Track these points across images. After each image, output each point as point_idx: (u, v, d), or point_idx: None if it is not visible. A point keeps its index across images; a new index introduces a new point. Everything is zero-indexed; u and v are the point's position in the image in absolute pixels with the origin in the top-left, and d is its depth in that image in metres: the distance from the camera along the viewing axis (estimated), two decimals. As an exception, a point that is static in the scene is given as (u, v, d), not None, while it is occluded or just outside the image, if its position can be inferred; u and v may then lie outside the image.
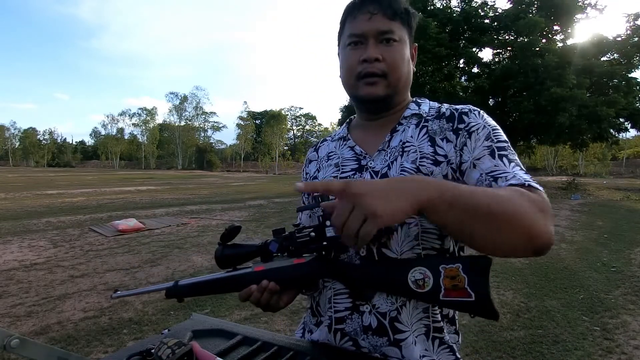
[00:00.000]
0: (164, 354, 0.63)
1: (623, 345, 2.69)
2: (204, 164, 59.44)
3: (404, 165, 0.77)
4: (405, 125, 0.83)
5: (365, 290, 0.74)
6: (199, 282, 0.76)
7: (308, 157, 0.97)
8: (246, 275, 0.74)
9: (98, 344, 2.65)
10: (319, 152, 0.95)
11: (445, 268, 0.65)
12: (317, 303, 0.86)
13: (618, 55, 19.56)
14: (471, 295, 0.63)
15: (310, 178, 0.92)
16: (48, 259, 4.87)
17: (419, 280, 0.66)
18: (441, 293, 0.64)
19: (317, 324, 0.87)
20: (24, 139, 70.59)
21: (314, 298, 0.88)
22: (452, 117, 0.80)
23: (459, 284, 0.64)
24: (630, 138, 40.80)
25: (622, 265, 4.76)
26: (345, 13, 0.81)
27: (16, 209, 9.64)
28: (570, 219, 8.65)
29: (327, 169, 0.88)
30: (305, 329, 0.92)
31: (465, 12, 21.77)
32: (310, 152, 0.98)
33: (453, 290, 0.64)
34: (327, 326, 0.81)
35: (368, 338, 0.76)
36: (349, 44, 0.79)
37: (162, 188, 17.86)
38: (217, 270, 0.77)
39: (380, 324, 0.75)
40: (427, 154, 0.77)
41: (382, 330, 0.75)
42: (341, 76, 0.83)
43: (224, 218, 8.40)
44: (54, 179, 24.69)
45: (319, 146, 0.97)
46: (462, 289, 0.63)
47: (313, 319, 0.88)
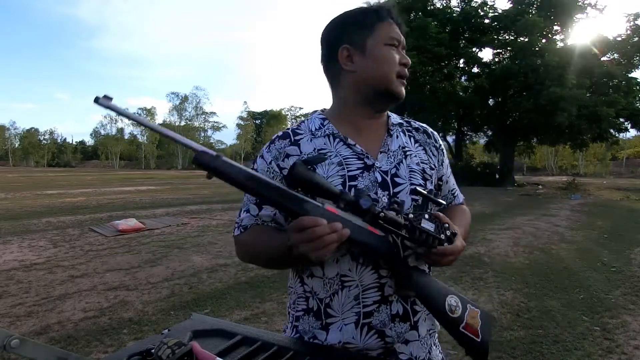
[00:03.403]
0: (164, 354, 0.63)
1: (623, 345, 2.69)
2: (204, 164, 59.33)
3: (411, 167, 0.89)
4: (396, 132, 0.93)
5: (410, 288, 0.79)
6: (255, 176, 0.66)
7: (285, 151, 0.86)
8: (315, 207, 0.68)
9: (98, 344, 2.65)
10: (302, 148, 0.86)
11: (470, 308, 0.81)
12: (328, 305, 0.83)
13: (618, 55, 19.55)
14: (479, 337, 0.79)
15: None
16: (48, 259, 4.87)
17: (452, 306, 0.79)
18: (462, 325, 0.79)
19: (324, 327, 0.84)
20: (24, 139, 70.59)
21: (321, 301, 0.84)
22: (428, 134, 0.98)
23: (474, 324, 0.80)
24: (630, 138, 40.77)
25: (622, 265, 4.76)
26: (375, 14, 0.87)
27: (16, 209, 9.64)
28: (570, 219, 8.66)
29: (329, 167, 0.84)
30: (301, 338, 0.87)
31: (465, 12, 21.77)
32: (283, 144, 0.87)
33: (469, 327, 0.79)
34: (354, 322, 0.82)
35: (395, 326, 0.83)
36: (388, 44, 0.86)
37: (162, 188, 17.87)
38: (218, 270, 0.77)
39: (405, 310, 0.84)
40: (424, 160, 0.92)
41: (406, 316, 0.85)
42: (374, 69, 0.85)
43: (224, 218, 8.40)
44: (54, 179, 24.70)
45: (296, 140, 0.87)
46: (475, 330, 0.79)
47: (317, 322, 0.85)
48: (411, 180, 0.88)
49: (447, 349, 2.62)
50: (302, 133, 0.89)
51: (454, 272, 4.41)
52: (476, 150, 32.12)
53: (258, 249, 0.86)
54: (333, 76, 0.91)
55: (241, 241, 0.89)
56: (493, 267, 4.63)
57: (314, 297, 0.86)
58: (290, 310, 0.93)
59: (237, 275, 4.20)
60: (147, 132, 64.49)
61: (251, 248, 0.88)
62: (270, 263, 0.91)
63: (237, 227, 0.90)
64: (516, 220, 8.32)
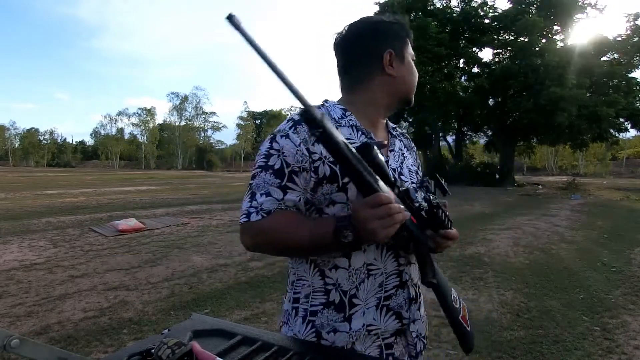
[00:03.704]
0: (164, 354, 0.63)
1: (623, 345, 2.69)
2: (204, 164, 59.44)
3: (409, 167, 0.98)
4: (396, 134, 1.01)
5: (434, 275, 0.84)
6: (349, 144, 0.64)
7: None
8: (384, 188, 0.70)
9: (98, 344, 2.65)
10: None
11: (462, 301, 0.95)
12: (354, 295, 0.86)
13: (618, 55, 19.55)
14: (469, 327, 0.93)
15: (326, 161, 0.82)
16: (48, 259, 4.87)
17: (454, 297, 0.92)
18: (460, 315, 0.90)
19: (347, 318, 0.85)
20: (24, 139, 70.58)
21: (345, 293, 0.85)
22: (409, 140, 1.07)
23: (466, 315, 0.93)
24: (630, 138, 40.78)
25: (622, 265, 4.76)
26: (406, 31, 0.95)
27: (16, 209, 9.64)
28: (570, 219, 8.66)
29: None
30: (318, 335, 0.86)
31: (465, 12, 21.77)
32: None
33: (464, 318, 0.91)
34: (375, 305, 0.87)
35: (410, 309, 0.92)
36: (413, 59, 0.96)
37: (162, 188, 17.87)
38: (218, 270, 0.77)
39: (416, 293, 0.94)
40: (414, 163, 1.02)
41: (417, 298, 0.94)
42: (408, 78, 0.95)
43: (224, 218, 8.40)
44: (54, 179, 24.70)
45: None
46: (467, 321, 0.93)
47: (339, 315, 0.85)
48: (411, 179, 0.96)
49: (447, 349, 2.62)
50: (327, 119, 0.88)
51: (454, 272, 4.41)
52: (476, 150, 32.11)
53: (287, 235, 0.80)
54: (365, 75, 0.92)
55: (263, 227, 0.80)
56: (493, 267, 4.63)
57: (337, 289, 0.86)
58: (300, 305, 0.89)
59: (237, 275, 4.20)
60: (147, 132, 64.66)
61: (277, 234, 0.81)
62: (297, 251, 0.85)
63: (254, 211, 0.81)
64: (516, 220, 8.32)
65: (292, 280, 0.92)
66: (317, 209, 0.85)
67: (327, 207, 0.84)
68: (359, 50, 0.92)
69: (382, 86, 0.92)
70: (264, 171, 0.82)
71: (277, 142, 0.83)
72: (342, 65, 0.95)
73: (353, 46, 0.92)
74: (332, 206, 0.84)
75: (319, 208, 0.85)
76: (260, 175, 0.82)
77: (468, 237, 6.37)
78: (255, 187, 0.83)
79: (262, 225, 0.80)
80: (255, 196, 0.82)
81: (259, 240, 0.83)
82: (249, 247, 0.85)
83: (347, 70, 0.94)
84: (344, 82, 0.96)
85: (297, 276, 0.90)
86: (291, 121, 0.85)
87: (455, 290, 0.93)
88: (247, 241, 0.84)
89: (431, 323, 3.01)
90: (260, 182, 0.82)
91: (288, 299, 0.93)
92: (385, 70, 0.90)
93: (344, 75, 0.95)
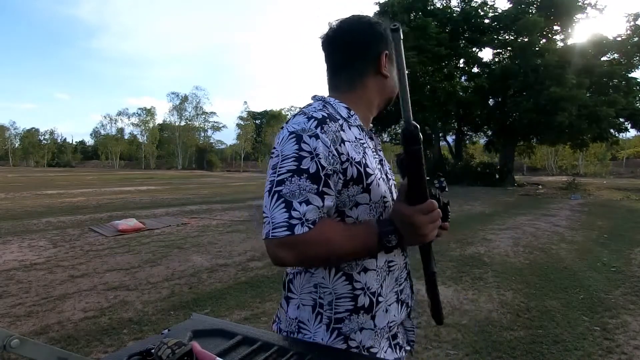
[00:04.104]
0: (164, 354, 0.63)
1: (623, 345, 2.69)
2: (204, 164, 59.44)
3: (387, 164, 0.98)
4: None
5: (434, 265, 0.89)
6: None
7: (339, 136, 0.80)
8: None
9: (98, 344, 2.65)
10: (347, 134, 0.83)
11: None
12: (380, 294, 0.86)
13: (618, 55, 19.54)
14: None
15: (353, 162, 0.80)
16: (48, 259, 4.87)
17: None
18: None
19: (373, 317, 0.85)
20: (24, 139, 70.54)
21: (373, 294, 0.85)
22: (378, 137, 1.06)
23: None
24: (630, 138, 40.76)
25: (622, 265, 4.76)
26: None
27: (16, 209, 9.64)
28: (570, 219, 8.66)
29: (370, 158, 0.86)
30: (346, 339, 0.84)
31: (465, 12, 21.77)
32: (335, 127, 0.80)
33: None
34: (395, 301, 0.90)
35: (411, 297, 0.96)
36: None
37: (162, 188, 17.87)
38: (218, 270, 0.77)
39: (411, 281, 0.98)
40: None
41: (412, 285, 0.98)
42: (395, 82, 0.94)
43: (224, 218, 8.40)
44: (54, 179, 24.69)
45: (341, 125, 0.83)
46: None
47: (367, 316, 0.84)
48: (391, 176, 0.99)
49: (447, 349, 2.62)
50: (339, 118, 0.84)
51: (454, 272, 4.41)
52: (476, 150, 32.08)
53: (335, 246, 0.77)
54: (358, 75, 0.91)
55: (312, 239, 0.74)
56: (493, 267, 4.62)
57: (366, 293, 0.84)
58: (324, 312, 0.84)
59: (237, 275, 4.20)
60: (147, 132, 64.65)
61: (327, 246, 0.76)
62: (340, 260, 0.82)
63: (298, 223, 0.73)
64: (516, 220, 8.32)
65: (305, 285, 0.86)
66: (339, 211, 0.81)
67: (350, 210, 0.82)
68: (357, 50, 0.90)
69: (375, 87, 0.92)
70: (296, 176, 0.74)
71: (306, 143, 0.76)
72: (336, 63, 0.93)
73: (351, 45, 0.90)
74: (356, 208, 0.82)
75: (341, 210, 0.81)
76: (292, 181, 0.74)
77: (468, 237, 6.37)
78: (289, 195, 0.74)
79: (311, 237, 0.73)
80: (293, 205, 0.73)
81: (309, 254, 0.76)
82: (285, 263, 0.77)
83: (342, 69, 0.92)
84: (337, 80, 0.93)
85: (314, 281, 0.85)
86: (314, 120, 0.79)
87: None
88: (289, 257, 0.75)
89: (431, 323, 3.01)
90: (294, 189, 0.74)
91: (297, 305, 0.87)
92: (380, 70, 0.90)
93: (336, 73, 0.93)
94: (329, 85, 0.95)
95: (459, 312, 3.25)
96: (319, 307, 0.84)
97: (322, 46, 0.94)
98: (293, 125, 0.79)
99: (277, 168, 0.77)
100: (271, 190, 0.76)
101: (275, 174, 0.76)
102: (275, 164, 0.77)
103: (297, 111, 0.87)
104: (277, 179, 0.76)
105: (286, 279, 0.92)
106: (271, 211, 0.75)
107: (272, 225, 0.74)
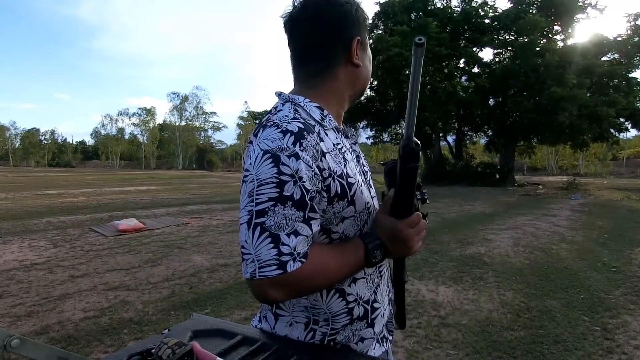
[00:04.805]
0: (164, 354, 0.63)
1: (623, 345, 2.69)
2: (204, 163, 59.50)
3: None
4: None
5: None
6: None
7: (320, 149, 0.71)
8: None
9: (98, 344, 2.65)
10: (326, 143, 0.74)
11: None
12: (375, 300, 0.85)
13: (618, 55, 19.52)
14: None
15: (335, 176, 0.73)
16: (48, 259, 4.87)
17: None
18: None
19: (370, 324, 0.84)
20: (25, 139, 70.59)
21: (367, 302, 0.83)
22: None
23: None
24: (630, 138, 40.74)
25: (623, 265, 4.76)
26: (366, 16, 0.85)
27: (16, 209, 9.65)
28: (570, 219, 8.65)
29: (351, 164, 0.79)
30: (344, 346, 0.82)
31: (465, 12, 21.77)
32: (313, 140, 0.71)
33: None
34: (388, 303, 0.91)
35: (394, 294, 0.92)
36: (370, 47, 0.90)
37: (163, 188, 17.88)
38: (218, 270, 0.77)
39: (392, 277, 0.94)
40: None
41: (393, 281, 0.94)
42: (368, 68, 0.88)
43: (224, 218, 8.40)
44: (55, 179, 24.71)
45: (318, 134, 0.74)
46: None
47: (362, 322, 0.83)
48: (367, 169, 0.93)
49: (448, 349, 2.62)
50: (314, 124, 0.75)
51: (454, 272, 4.41)
52: (476, 150, 32.08)
53: (332, 271, 0.73)
54: (327, 64, 0.80)
55: (304, 275, 0.67)
56: (493, 267, 4.62)
57: (360, 303, 0.82)
58: (318, 329, 0.80)
59: (238, 275, 4.20)
60: (148, 132, 64.69)
61: (319, 279, 0.71)
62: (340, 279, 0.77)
63: (289, 259, 0.65)
64: (516, 220, 8.32)
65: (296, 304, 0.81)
66: (325, 229, 0.75)
67: (335, 226, 0.76)
68: (325, 35, 0.78)
69: (347, 77, 0.82)
70: (279, 204, 0.65)
71: (286, 165, 0.66)
72: (301, 51, 0.82)
73: (316, 29, 0.78)
74: (342, 223, 0.76)
75: (326, 228, 0.75)
76: (276, 211, 0.65)
77: (468, 237, 6.37)
78: (275, 227, 0.65)
79: (304, 273, 0.67)
80: (281, 239, 0.65)
81: (301, 289, 0.71)
82: (276, 301, 0.72)
83: (309, 58, 0.81)
84: (302, 71, 0.82)
85: (307, 302, 0.79)
86: (290, 135, 0.68)
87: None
88: (280, 295, 0.68)
89: (431, 323, 3.01)
90: (279, 220, 0.65)
91: (288, 322, 0.81)
92: (351, 59, 0.80)
93: (302, 63, 0.82)
94: (294, 76, 0.84)
95: (459, 312, 3.25)
96: (312, 324, 0.80)
97: (284, 28, 0.82)
98: (266, 143, 0.68)
99: (254, 195, 0.66)
100: (250, 222, 0.66)
101: (253, 203, 0.66)
102: (251, 190, 0.67)
103: (264, 118, 0.76)
104: (256, 209, 0.66)
105: None
106: (255, 247, 0.66)
107: (257, 263, 0.65)
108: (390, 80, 19.10)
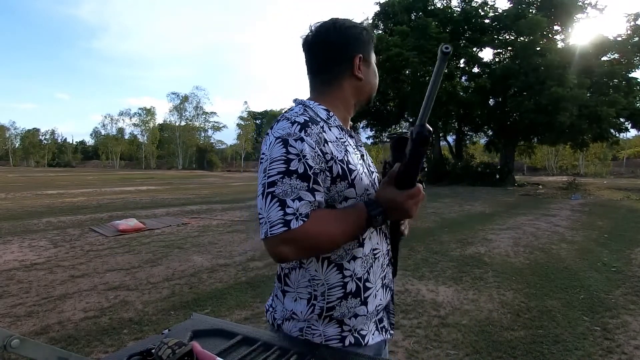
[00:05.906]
0: (164, 354, 0.63)
1: (623, 345, 2.69)
2: (204, 164, 59.45)
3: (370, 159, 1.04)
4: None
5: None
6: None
7: (323, 137, 0.86)
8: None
9: (98, 344, 2.66)
10: (329, 135, 0.88)
11: None
12: (367, 280, 0.93)
13: (618, 55, 19.51)
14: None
15: (337, 160, 0.86)
16: (48, 259, 4.87)
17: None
18: None
19: (363, 302, 0.92)
20: (25, 139, 70.55)
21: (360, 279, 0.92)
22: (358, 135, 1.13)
23: None
24: (630, 138, 40.69)
25: (623, 265, 4.76)
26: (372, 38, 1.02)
27: (16, 209, 9.65)
28: (570, 219, 8.65)
29: (352, 155, 0.92)
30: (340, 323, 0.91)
31: (465, 12, 21.76)
32: (317, 129, 0.86)
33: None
34: (381, 286, 0.98)
35: (393, 281, 1.04)
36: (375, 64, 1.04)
37: (163, 188, 17.87)
38: (218, 270, 0.77)
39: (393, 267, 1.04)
40: None
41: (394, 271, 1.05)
42: (372, 80, 1.03)
43: (224, 218, 8.40)
44: (55, 179, 24.70)
45: (322, 127, 0.88)
46: None
47: (356, 300, 0.91)
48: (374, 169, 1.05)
49: (448, 349, 2.62)
50: (319, 121, 0.90)
51: (454, 272, 4.41)
52: (476, 150, 32.06)
53: (334, 230, 0.83)
54: (334, 77, 0.97)
55: (308, 232, 0.79)
56: (493, 267, 4.62)
57: (354, 279, 0.91)
58: (317, 303, 0.90)
59: (237, 275, 4.20)
60: (148, 132, 64.67)
61: (323, 236, 0.82)
62: (336, 246, 0.87)
63: (293, 218, 0.78)
64: (516, 220, 8.31)
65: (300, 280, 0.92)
66: (330, 206, 0.88)
67: (339, 204, 0.89)
68: (332, 53, 0.96)
69: (351, 89, 0.98)
70: (286, 176, 0.80)
71: (292, 147, 0.82)
72: (314, 66, 1.00)
73: (325, 49, 0.97)
74: (345, 202, 0.89)
75: (331, 205, 0.88)
76: (284, 181, 0.80)
77: (468, 237, 6.37)
78: (282, 194, 0.79)
79: (307, 230, 0.79)
80: (287, 203, 0.79)
81: (306, 245, 0.81)
82: (287, 258, 0.82)
83: (319, 71, 0.99)
84: (315, 82, 1.00)
85: (308, 275, 0.91)
86: (297, 124, 0.84)
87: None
88: (288, 251, 0.80)
89: (431, 323, 3.01)
90: (286, 189, 0.79)
91: (293, 297, 0.93)
92: (354, 73, 0.97)
93: (315, 75, 1.00)
94: (310, 85, 1.02)
95: (459, 312, 3.25)
96: (313, 299, 0.91)
97: (303, 48, 1.01)
98: (278, 131, 0.85)
99: (267, 171, 0.82)
100: (264, 192, 0.81)
101: (266, 177, 0.82)
102: (265, 168, 0.83)
103: (279, 116, 0.92)
104: (268, 181, 0.81)
105: (282, 273, 0.97)
106: (267, 211, 0.80)
107: (268, 224, 0.79)
108: (390, 80, 19.09)
